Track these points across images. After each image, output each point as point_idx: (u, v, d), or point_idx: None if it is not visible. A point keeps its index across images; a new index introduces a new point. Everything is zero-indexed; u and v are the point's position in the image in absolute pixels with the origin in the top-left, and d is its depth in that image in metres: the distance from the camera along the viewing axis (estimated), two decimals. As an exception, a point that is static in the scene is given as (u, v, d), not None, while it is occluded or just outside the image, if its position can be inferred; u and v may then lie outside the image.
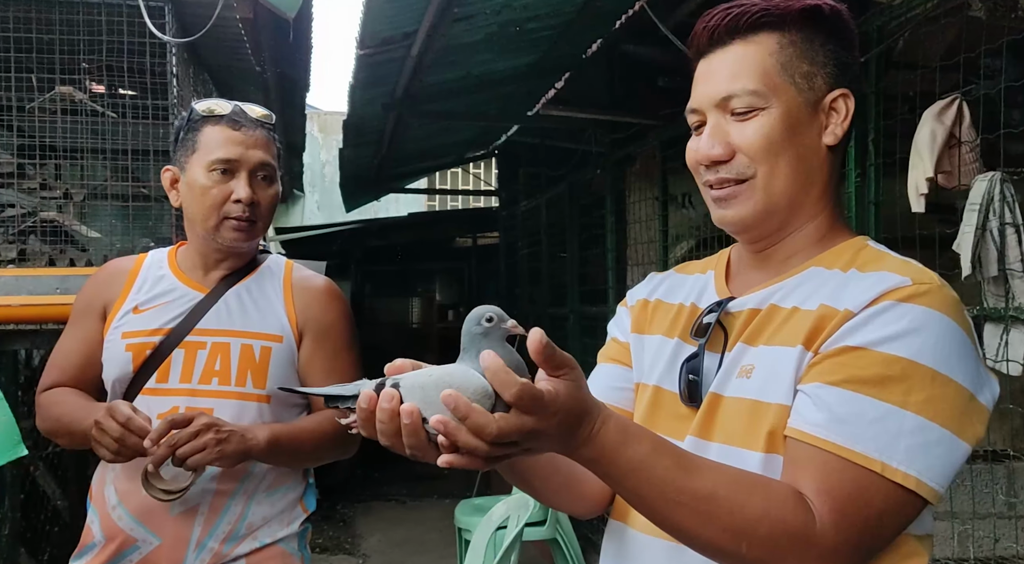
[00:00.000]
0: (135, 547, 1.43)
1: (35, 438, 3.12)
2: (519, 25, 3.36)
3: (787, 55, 0.88)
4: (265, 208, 1.49)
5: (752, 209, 0.89)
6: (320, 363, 1.52)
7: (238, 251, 1.52)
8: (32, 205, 2.96)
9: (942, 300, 0.80)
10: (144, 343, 1.46)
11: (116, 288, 1.54)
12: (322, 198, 10.12)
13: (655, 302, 1.04)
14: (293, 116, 5.22)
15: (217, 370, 1.45)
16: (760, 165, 0.88)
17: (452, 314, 8.95)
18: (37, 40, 2.72)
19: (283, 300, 1.53)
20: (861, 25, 2.31)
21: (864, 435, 0.76)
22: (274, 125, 1.53)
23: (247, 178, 1.46)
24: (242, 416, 1.44)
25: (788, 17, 0.88)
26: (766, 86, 0.87)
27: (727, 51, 0.89)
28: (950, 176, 2.06)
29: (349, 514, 5.94)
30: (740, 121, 0.88)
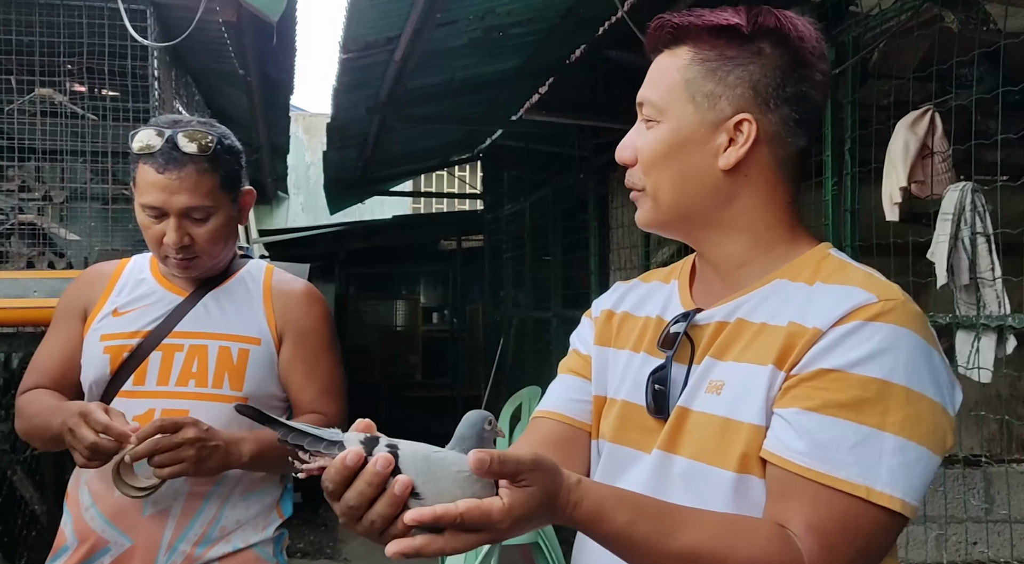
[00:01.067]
0: (106, 549, 1.43)
1: (12, 441, 3.10)
2: (502, 30, 3.38)
3: (693, 72, 0.87)
4: (203, 243, 1.45)
5: (647, 216, 0.93)
6: (300, 366, 1.52)
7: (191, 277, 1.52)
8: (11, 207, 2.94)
9: (908, 316, 0.80)
10: (122, 345, 1.46)
11: (97, 291, 1.54)
12: (307, 200, 10.09)
13: (622, 315, 1.03)
14: (277, 118, 5.20)
15: (194, 372, 1.45)
16: (648, 176, 0.91)
17: (436, 317, 8.95)
18: (17, 42, 2.70)
19: (262, 303, 1.53)
20: (837, 36, 2.34)
21: (846, 461, 0.76)
22: (213, 152, 1.42)
23: (176, 222, 1.41)
24: (219, 418, 1.43)
25: (699, 32, 0.88)
26: (664, 100, 0.89)
27: (658, 58, 0.92)
28: (923, 186, 2.09)
29: (331, 518, 5.91)
30: (646, 129, 0.91)
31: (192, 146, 1.40)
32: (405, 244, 7.89)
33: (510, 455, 0.71)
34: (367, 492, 0.70)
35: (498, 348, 6.08)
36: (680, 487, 0.86)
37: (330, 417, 1.52)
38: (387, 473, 0.70)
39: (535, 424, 1.03)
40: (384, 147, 5.19)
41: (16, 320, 2.60)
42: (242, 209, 1.54)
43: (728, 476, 0.83)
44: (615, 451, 0.95)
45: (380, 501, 0.70)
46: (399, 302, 8.84)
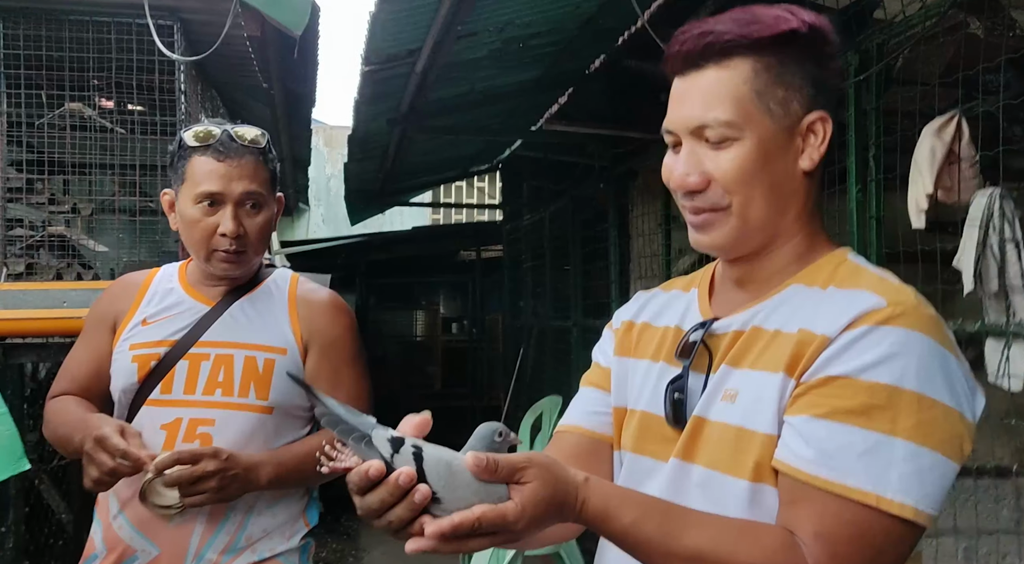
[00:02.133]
0: (134, 557, 1.44)
1: (41, 451, 3.14)
2: (522, 41, 3.40)
3: (761, 82, 0.85)
4: (254, 236, 1.48)
5: (726, 236, 0.89)
6: (325, 376, 1.52)
7: (231, 278, 1.53)
8: (40, 219, 2.99)
9: (919, 320, 0.79)
10: (149, 354, 1.48)
11: (127, 302, 1.56)
12: (327, 211, 10.17)
13: (641, 325, 1.03)
14: (299, 130, 5.26)
15: (220, 381, 1.46)
16: (735, 195, 0.86)
17: (456, 327, 8.96)
18: (47, 57, 2.76)
19: (287, 313, 1.54)
20: (861, 42, 2.33)
21: (855, 468, 0.75)
22: (266, 146, 1.49)
23: (233, 210, 1.44)
24: (245, 427, 1.45)
25: (763, 42, 0.85)
26: (740, 116, 0.85)
27: (701, 75, 0.87)
28: (950, 192, 2.07)
29: (353, 527, 5.92)
30: (715, 150, 0.86)
31: (249, 135, 1.47)
32: (425, 255, 7.93)
33: (502, 456, 0.74)
34: (388, 500, 0.72)
35: (518, 358, 6.08)
36: (697, 496, 0.85)
37: None
38: (409, 487, 0.72)
39: (558, 438, 1.04)
40: (404, 158, 5.22)
41: (45, 330, 2.64)
42: (277, 215, 1.56)
43: (742, 485, 0.83)
44: (635, 461, 0.95)
45: (400, 505, 0.72)
46: (419, 312, 8.88)
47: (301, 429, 1.55)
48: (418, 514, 0.72)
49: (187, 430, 1.45)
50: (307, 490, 1.58)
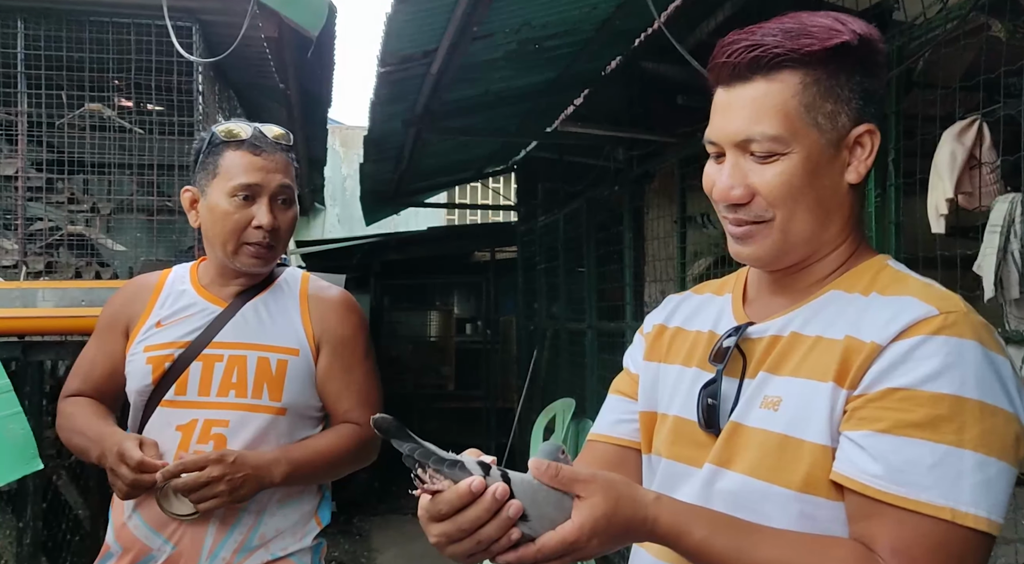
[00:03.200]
0: (151, 556, 1.45)
1: (59, 447, 3.17)
2: (538, 43, 3.39)
3: (810, 95, 0.83)
4: (284, 232, 1.51)
5: (769, 249, 0.88)
6: (336, 376, 1.53)
7: (255, 274, 1.55)
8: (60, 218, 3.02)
9: (972, 327, 0.78)
10: (163, 356, 1.49)
11: (140, 305, 1.57)
12: (342, 211, 10.21)
13: (674, 330, 1.02)
14: (315, 131, 5.29)
15: (234, 382, 1.47)
16: (779, 210, 0.85)
17: (470, 328, 8.96)
18: (68, 58, 2.79)
19: (300, 313, 1.55)
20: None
21: (926, 482, 0.74)
22: (292, 144, 1.54)
23: (268, 203, 1.47)
24: (259, 428, 1.47)
25: (814, 56, 0.83)
26: (787, 131, 0.83)
27: (748, 87, 0.85)
28: (971, 197, 2.05)
29: (366, 528, 5.94)
30: (760, 164, 0.85)
31: (277, 131, 1.52)
32: (439, 255, 7.93)
33: (566, 466, 0.77)
34: (483, 517, 0.75)
35: (531, 360, 6.07)
36: (730, 502, 0.85)
37: (365, 427, 1.53)
38: (504, 501, 0.75)
39: (589, 448, 1.06)
40: (419, 159, 5.23)
41: (65, 329, 2.66)
42: (298, 215, 1.59)
43: (786, 494, 0.82)
44: (669, 467, 0.95)
45: (491, 524, 0.75)
46: (432, 313, 8.88)
47: (313, 429, 1.56)
48: (506, 532, 0.75)
49: (202, 431, 1.46)
50: (319, 489, 1.59)
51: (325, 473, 1.53)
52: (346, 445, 1.52)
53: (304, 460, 1.47)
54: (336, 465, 1.53)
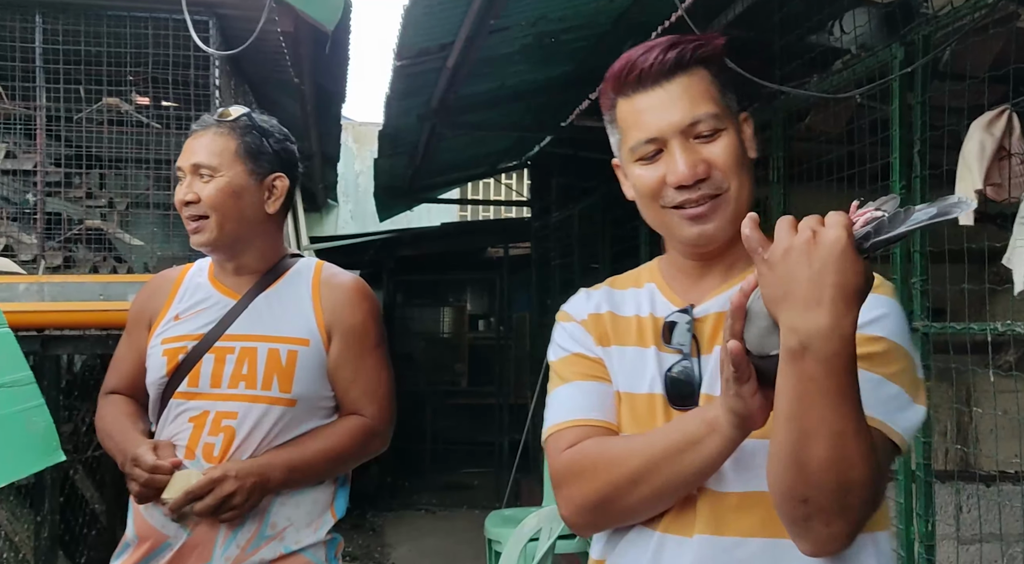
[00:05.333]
0: (167, 544, 1.45)
1: (75, 442, 3.18)
2: (554, 36, 3.37)
3: (720, 84, 0.99)
4: (208, 203, 1.47)
5: (728, 221, 0.97)
6: (346, 365, 1.51)
7: (206, 252, 1.56)
8: (77, 213, 3.03)
9: (892, 290, 0.96)
10: (177, 348, 1.50)
11: (161, 299, 1.58)
12: (355, 208, 10.21)
13: (608, 315, 1.06)
14: (329, 127, 5.29)
15: (244, 374, 1.47)
16: (732, 179, 0.97)
17: (483, 324, 8.95)
18: (86, 53, 2.79)
19: (311, 301, 1.53)
20: (907, 35, 2.27)
21: (868, 402, 0.82)
22: (237, 119, 1.51)
23: (187, 181, 1.50)
24: (266, 420, 1.46)
25: (714, 52, 0.99)
26: (721, 110, 0.97)
27: (674, 83, 0.97)
28: (999, 189, 2.01)
29: (379, 523, 5.95)
30: (706, 143, 0.97)
31: (219, 113, 1.52)
32: (452, 251, 7.92)
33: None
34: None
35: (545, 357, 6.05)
36: (732, 466, 0.91)
37: (372, 419, 1.52)
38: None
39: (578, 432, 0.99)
40: (434, 155, 5.22)
41: (83, 323, 2.67)
42: (271, 193, 1.53)
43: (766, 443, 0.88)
44: None
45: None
46: (446, 309, 8.87)
47: (325, 419, 1.54)
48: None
49: (213, 423, 1.46)
50: (334, 480, 1.56)
51: (329, 469, 1.51)
52: (350, 439, 1.50)
53: (304, 462, 1.47)
54: (340, 460, 1.51)
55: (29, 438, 1.54)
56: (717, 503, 0.92)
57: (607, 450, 0.95)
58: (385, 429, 1.55)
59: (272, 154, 1.53)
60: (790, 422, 0.78)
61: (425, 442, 7.75)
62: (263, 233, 1.54)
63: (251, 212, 1.51)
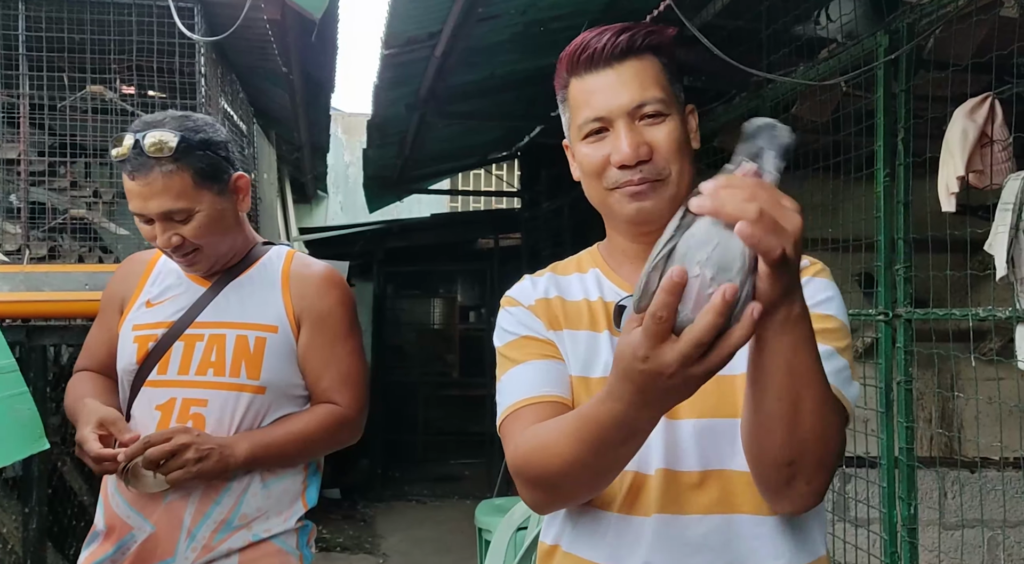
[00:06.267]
0: (131, 535, 1.44)
1: (63, 434, 3.17)
2: (544, 25, 3.36)
3: (667, 75, 1.01)
4: (195, 238, 1.43)
5: (666, 202, 0.99)
6: (316, 353, 1.50)
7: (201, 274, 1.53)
8: (62, 203, 3.01)
9: (829, 273, 1.03)
10: (148, 335, 1.49)
11: (133, 282, 1.57)
12: (345, 199, 10.18)
13: (556, 300, 1.06)
14: (318, 117, 5.26)
15: (213, 361, 1.46)
16: (674, 164, 0.99)
17: (473, 315, 8.94)
18: (68, 40, 2.77)
19: (280, 289, 1.52)
20: (891, 23, 2.28)
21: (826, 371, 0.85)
22: (178, 147, 1.38)
23: (161, 226, 1.41)
24: (236, 407, 1.45)
25: (664, 43, 1.02)
26: (667, 96, 1.00)
27: (624, 66, 0.99)
28: (982, 175, 2.02)
29: (370, 514, 5.96)
30: (651, 125, 0.98)
31: (154, 149, 1.37)
32: (442, 243, 7.91)
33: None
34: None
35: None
36: (693, 446, 0.95)
37: (344, 407, 1.50)
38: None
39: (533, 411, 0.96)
40: (423, 145, 5.21)
41: (68, 313, 2.66)
42: (238, 195, 1.50)
43: (736, 422, 0.92)
44: None
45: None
46: (436, 301, 8.87)
47: (297, 408, 1.52)
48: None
49: (180, 410, 1.45)
50: (306, 468, 1.55)
51: (297, 455, 1.49)
52: (320, 425, 1.48)
53: (271, 442, 1.44)
54: (309, 445, 1.49)
55: (12, 426, 1.53)
56: (674, 482, 0.94)
57: (540, 436, 0.91)
58: (357, 418, 1.53)
59: (221, 162, 1.46)
60: (782, 394, 0.79)
61: (416, 433, 7.76)
62: (238, 230, 1.53)
63: (232, 223, 1.50)
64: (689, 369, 0.70)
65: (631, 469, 0.94)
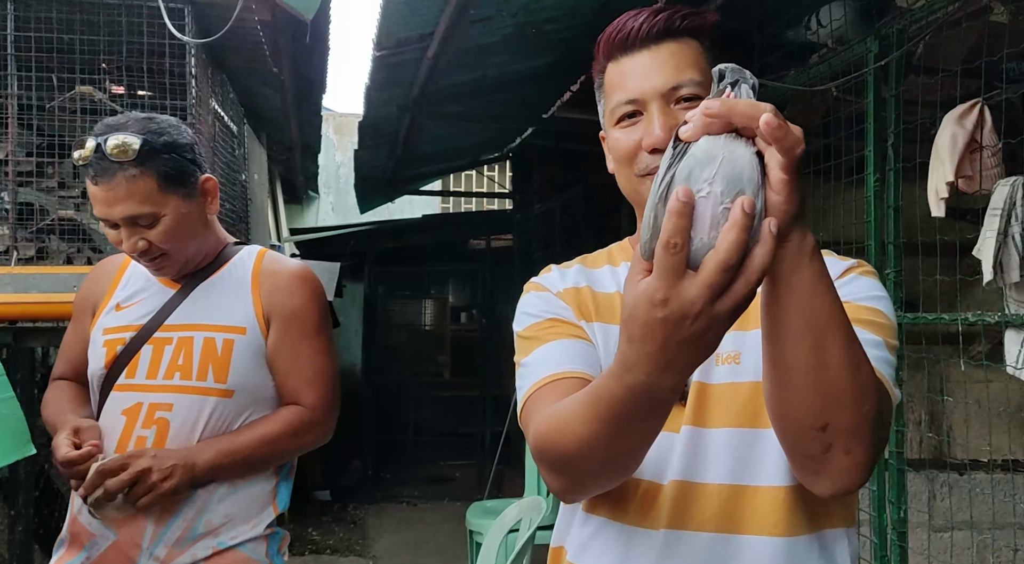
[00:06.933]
0: (93, 542, 1.42)
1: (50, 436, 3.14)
2: (536, 27, 3.36)
3: (708, 59, 0.96)
4: (162, 243, 1.41)
5: None
6: (284, 352, 1.47)
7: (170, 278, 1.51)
8: (50, 204, 2.98)
9: (877, 275, 1.00)
10: (116, 339, 1.47)
11: (104, 285, 1.55)
12: (336, 200, 10.16)
13: (587, 290, 1.01)
14: (310, 117, 5.24)
15: (180, 365, 1.43)
16: None
17: (465, 316, 8.94)
18: (58, 40, 2.75)
19: (250, 289, 1.49)
20: (881, 28, 2.29)
21: (873, 357, 0.82)
22: (140, 149, 1.35)
23: (126, 231, 1.39)
24: (201, 412, 1.42)
25: (705, 28, 0.97)
26: (706, 79, 0.93)
27: (662, 48, 0.94)
28: (971, 181, 2.04)
29: (360, 515, 5.94)
30: (687, 110, 0.91)
31: (116, 152, 1.34)
32: (434, 244, 7.90)
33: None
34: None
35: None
36: (721, 457, 0.89)
37: (311, 408, 1.48)
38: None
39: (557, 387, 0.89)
40: (415, 146, 5.20)
41: (56, 315, 2.63)
42: (206, 198, 1.48)
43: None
44: None
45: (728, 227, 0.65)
46: (428, 302, 8.85)
47: (270, 410, 1.49)
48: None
49: (146, 415, 1.42)
50: (276, 473, 1.52)
51: (263, 457, 1.46)
52: (286, 427, 1.45)
53: (235, 449, 1.41)
54: (275, 448, 1.46)
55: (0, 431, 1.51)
56: (689, 494, 0.89)
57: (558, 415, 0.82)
58: (324, 418, 1.50)
59: (187, 163, 1.43)
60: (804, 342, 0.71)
61: (407, 434, 7.75)
62: (207, 232, 1.51)
63: (200, 226, 1.48)
64: (716, 305, 0.60)
65: (646, 477, 0.90)
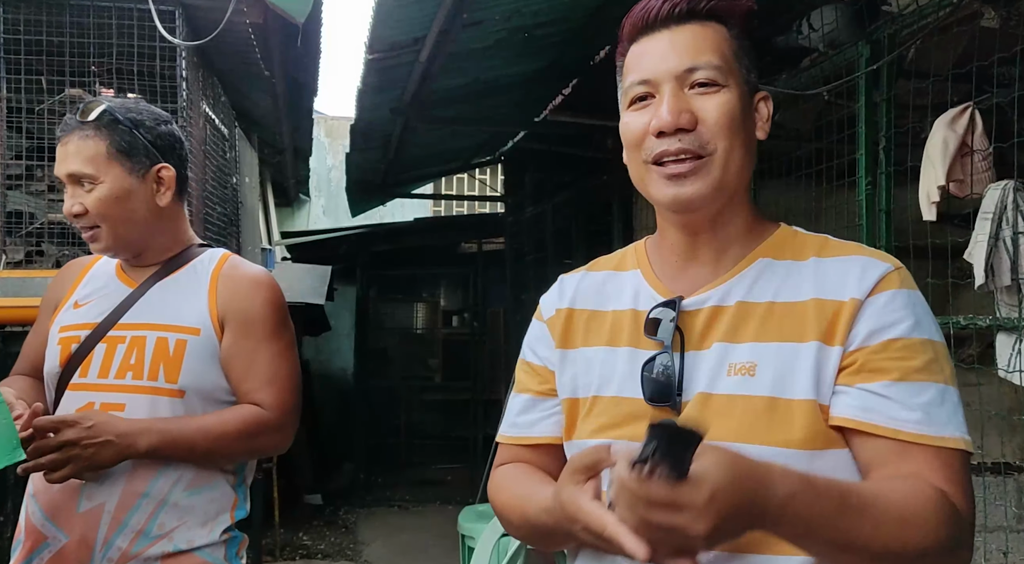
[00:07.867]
0: (45, 544, 1.40)
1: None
2: (528, 31, 3.36)
3: (736, 46, 0.91)
4: (96, 213, 1.41)
5: (709, 186, 0.88)
6: (240, 355, 1.46)
7: (102, 254, 1.51)
8: (40, 207, 2.96)
9: (912, 279, 0.90)
10: (72, 337, 1.45)
11: (67, 285, 1.54)
12: (328, 203, 10.12)
13: (586, 312, 1.00)
14: (301, 120, 5.23)
15: (132, 364, 1.42)
16: (720, 141, 0.88)
17: (457, 320, 8.92)
18: (47, 43, 2.73)
19: (207, 292, 1.48)
20: (872, 33, 2.30)
21: (943, 419, 0.82)
22: (100, 116, 1.40)
23: (69, 190, 1.42)
24: (152, 411, 1.40)
25: (735, 13, 0.92)
26: (726, 65, 0.89)
27: (683, 29, 0.90)
28: (962, 185, 2.05)
29: (352, 520, 5.92)
30: (701, 94, 0.88)
31: (80, 114, 1.41)
32: (426, 247, 7.89)
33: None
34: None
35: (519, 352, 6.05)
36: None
37: (269, 408, 1.45)
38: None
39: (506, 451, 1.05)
40: (407, 149, 5.19)
41: (45, 319, 2.61)
42: (159, 187, 1.47)
43: (790, 453, 0.82)
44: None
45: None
46: (419, 305, 8.84)
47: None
48: None
49: None
50: (235, 479, 1.50)
51: (209, 449, 1.42)
52: (238, 424, 1.43)
53: (180, 433, 1.39)
54: (224, 445, 1.43)
55: (-13, 437, 1.49)
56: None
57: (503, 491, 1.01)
58: (282, 422, 1.48)
59: (146, 145, 1.44)
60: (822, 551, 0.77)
61: (399, 437, 7.73)
62: (161, 228, 1.49)
63: (143, 211, 1.46)
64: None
65: None
